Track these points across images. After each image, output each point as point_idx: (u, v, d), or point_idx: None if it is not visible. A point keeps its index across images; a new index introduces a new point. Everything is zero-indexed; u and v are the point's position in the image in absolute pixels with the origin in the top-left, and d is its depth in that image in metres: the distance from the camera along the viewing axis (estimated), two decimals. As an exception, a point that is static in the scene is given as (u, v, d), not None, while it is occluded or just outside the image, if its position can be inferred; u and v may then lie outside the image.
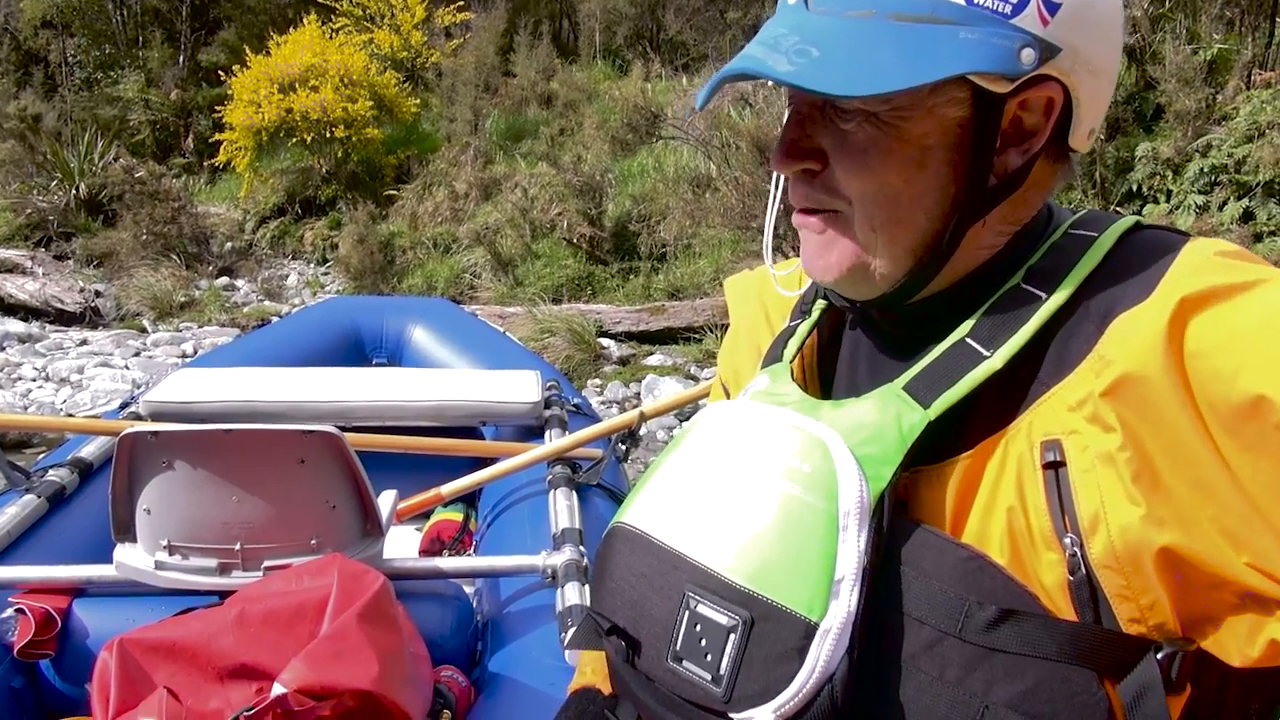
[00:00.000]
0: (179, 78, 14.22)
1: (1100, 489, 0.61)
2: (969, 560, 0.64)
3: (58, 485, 2.18)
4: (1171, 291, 0.62)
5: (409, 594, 1.80)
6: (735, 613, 0.66)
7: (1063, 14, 0.66)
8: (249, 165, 11.00)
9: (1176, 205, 5.99)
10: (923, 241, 0.70)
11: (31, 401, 5.82)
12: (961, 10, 0.65)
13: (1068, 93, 0.68)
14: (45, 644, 1.73)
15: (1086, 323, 0.66)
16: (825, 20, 0.67)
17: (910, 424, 0.67)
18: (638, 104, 9.19)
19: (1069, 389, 0.64)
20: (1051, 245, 0.72)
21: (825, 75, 0.64)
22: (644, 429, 2.59)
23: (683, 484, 0.75)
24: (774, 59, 0.66)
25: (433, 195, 10.18)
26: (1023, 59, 0.65)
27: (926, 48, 0.64)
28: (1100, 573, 0.61)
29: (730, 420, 0.76)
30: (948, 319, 0.71)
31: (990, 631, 0.62)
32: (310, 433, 1.70)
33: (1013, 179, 0.70)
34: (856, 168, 0.69)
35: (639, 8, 14.16)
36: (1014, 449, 0.65)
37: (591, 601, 0.80)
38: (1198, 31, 6.55)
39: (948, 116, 0.67)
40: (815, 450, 0.68)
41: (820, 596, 0.63)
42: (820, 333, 0.85)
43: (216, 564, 1.74)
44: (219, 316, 8.09)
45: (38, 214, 10.52)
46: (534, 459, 2.42)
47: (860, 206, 0.70)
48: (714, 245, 7.67)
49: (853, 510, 0.64)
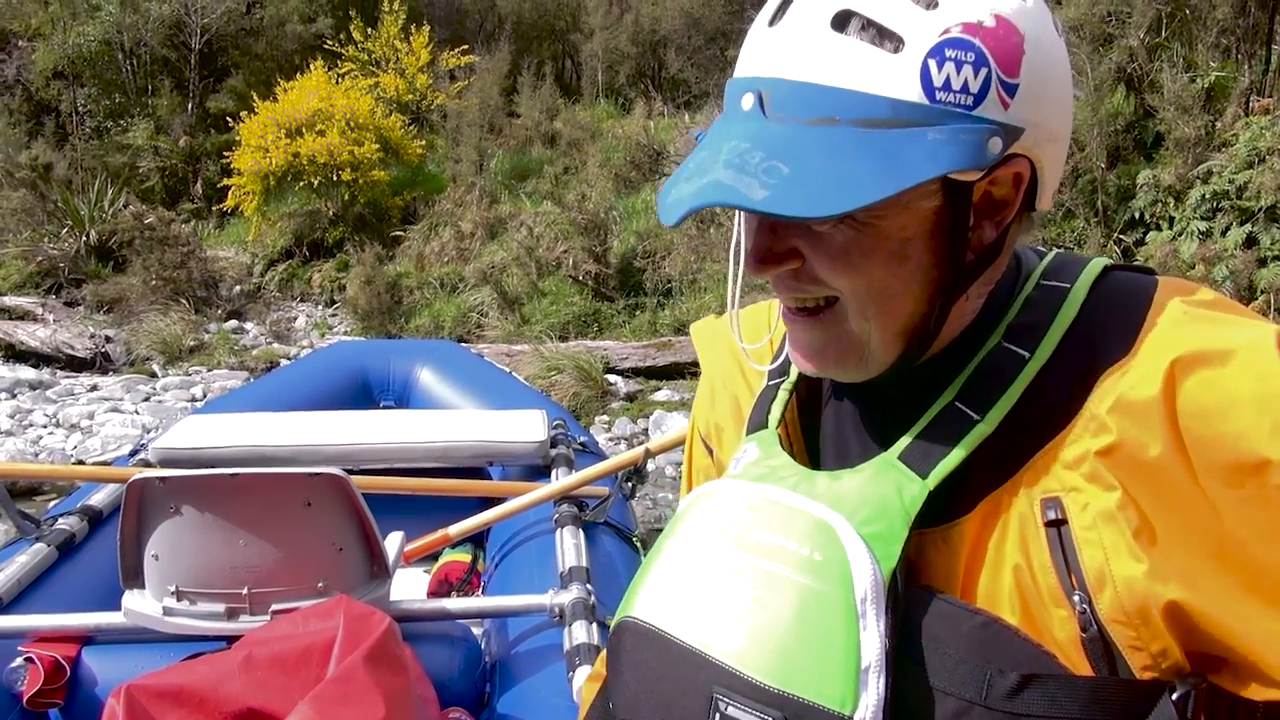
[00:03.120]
0: (188, 125, 14.41)
1: (1104, 546, 0.63)
2: (984, 627, 0.65)
3: (67, 533, 2.19)
4: (1160, 351, 0.63)
5: (416, 636, 1.80)
6: (768, 713, 0.66)
7: (1021, 93, 0.65)
8: (257, 209, 11.12)
9: (1179, 231, 6.01)
10: (912, 324, 0.71)
11: (42, 448, 5.84)
12: (924, 110, 0.63)
13: (1033, 165, 0.68)
14: (55, 693, 1.74)
15: (1071, 379, 0.67)
16: (787, 130, 0.65)
17: (911, 496, 0.68)
18: (640, 142, 9.30)
19: (1064, 447, 0.65)
20: (1026, 299, 0.73)
21: (801, 196, 0.63)
22: (650, 465, 2.59)
23: (689, 573, 0.74)
24: (744, 183, 0.63)
25: (439, 235, 10.27)
26: (990, 149, 0.64)
27: (897, 153, 0.63)
28: (1111, 627, 0.63)
29: (731, 504, 0.75)
30: (933, 383, 0.72)
31: (1014, 698, 0.62)
32: (316, 475, 1.71)
33: (990, 250, 0.71)
34: (840, 267, 0.68)
35: (640, 47, 14.33)
36: (1015, 507, 0.66)
37: (613, 703, 0.79)
38: (1195, 59, 6.60)
39: (923, 209, 0.67)
40: (823, 537, 0.68)
41: (850, 688, 0.63)
42: (799, 393, 0.84)
43: (224, 609, 1.74)
44: (228, 360, 8.12)
45: (48, 261, 10.63)
46: (541, 498, 2.42)
47: (852, 300, 0.70)
48: (719, 280, 7.70)
49: (869, 596, 0.64)
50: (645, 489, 4.17)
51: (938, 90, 0.63)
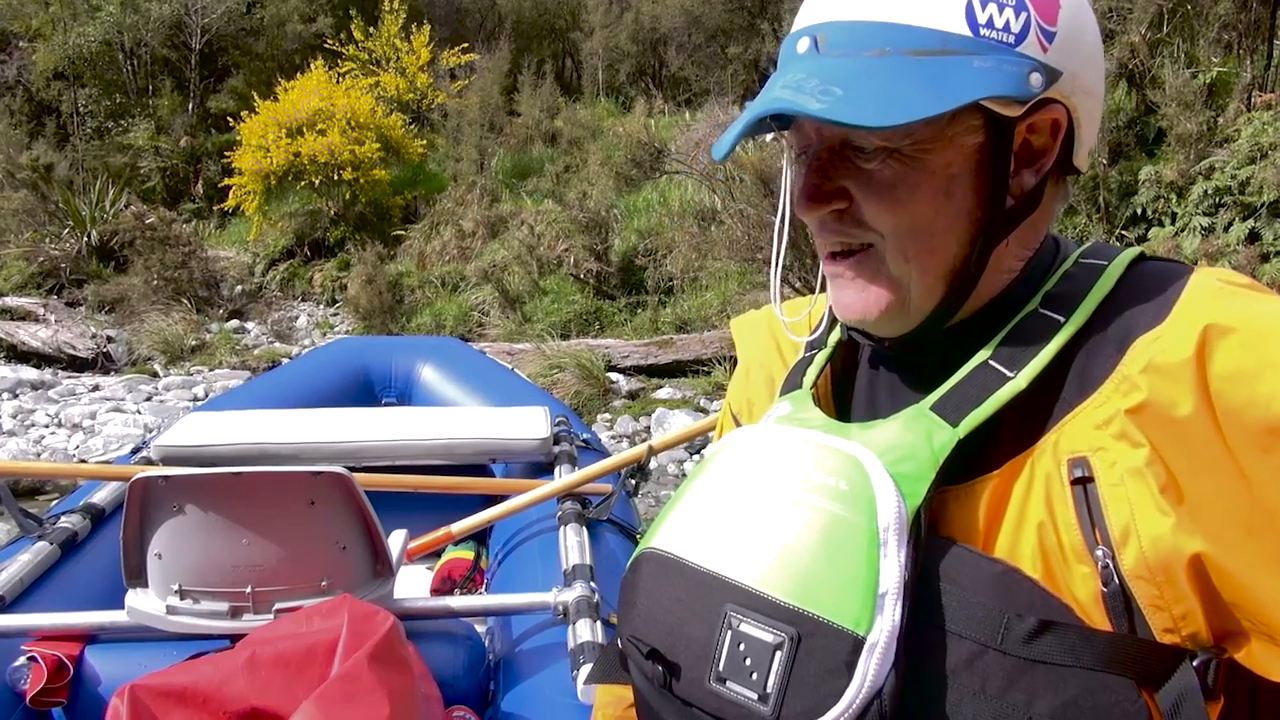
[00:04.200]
0: (188, 125, 14.42)
1: (1130, 502, 0.63)
2: (1005, 574, 0.65)
3: (70, 531, 2.19)
4: (1194, 317, 0.64)
5: (420, 634, 1.80)
6: (781, 629, 0.66)
7: (1059, 41, 0.70)
8: (258, 209, 11.13)
9: (1182, 228, 6.00)
10: (953, 267, 0.73)
11: (45, 448, 5.85)
12: (971, 41, 0.68)
13: (1070, 114, 0.72)
14: (58, 691, 1.73)
15: (1105, 345, 0.68)
16: (841, 62, 0.70)
17: (941, 442, 0.69)
18: (641, 140, 9.29)
19: (1094, 408, 0.66)
20: (1064, 273, 0.75)
21: (857, 110, 0.66)
22: (653, 463, 2.59)
23: (713, 507, 0.75)
24: (801, 99, 0.68)
25: (440, 234, 10.27)
26: (1032, 83, 0.69)
27: (945, 78, 0.67)
28: (1133, 584, 0.63)
29: (758, 443, 0.77)
30: (966, 347, 0.73)
31: (1030, 643, 0.62)
32: (319, 474, 1.71)
33: (1029, 199, 0.73)
34: (886, 204, 0.71)
35: (641, 45, 14.33)
36: (1041, 467, 0.67)
37: (620, 629, 0.79)
38: (1196, 55, 6.59)
39: (967, 144, 0.70)
40: (851, 468, 0.69)
41: (866, 611, 0.64)
42: (834, 365, 0.86)
43: (227, 607, 1.73)
44: (230, 359, 8.13)
45: (50, 262, 10.65)
46: (544, 495, 2.42)
47: (892, 239, 0.72)
48: (720, 278, 7.70)
49: (892, 526, 0.65)
50: (648, 486, 4.18)
51: (981, 26, 0.68)
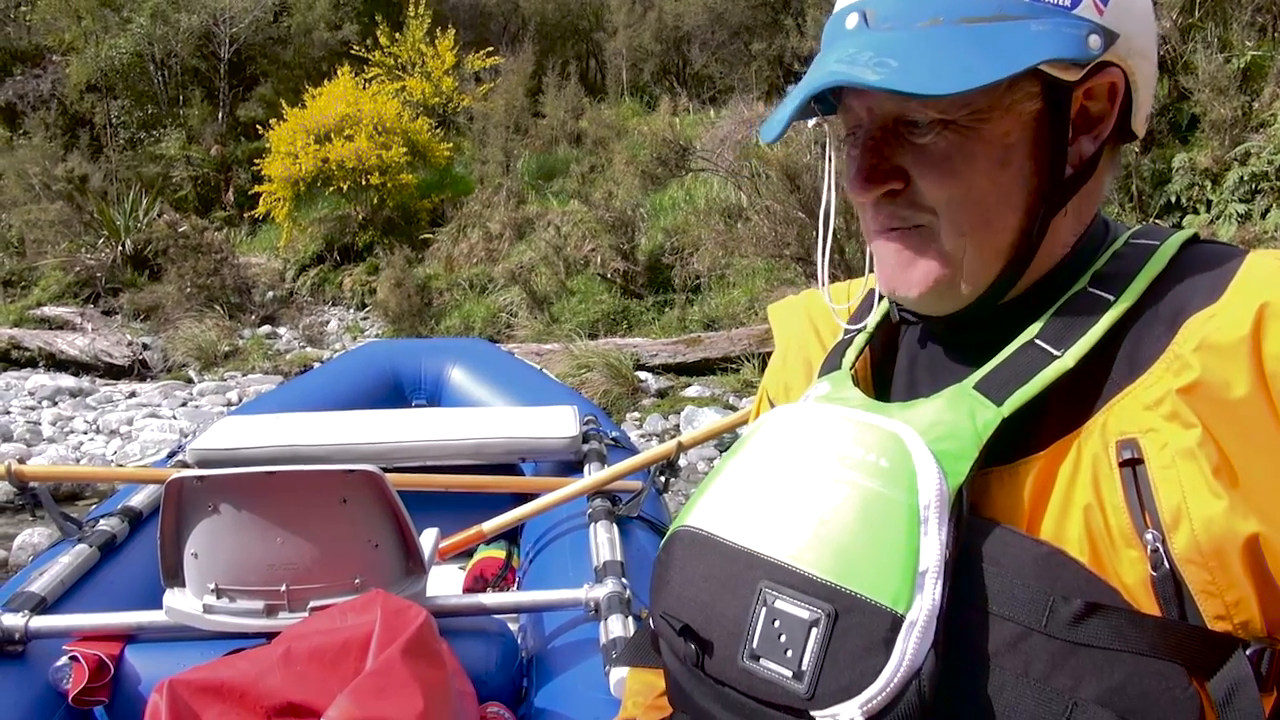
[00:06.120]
0: (218, 134, 14.59)
1: (1182, 484, 0.61)
2: (1050, 555, 0.63)
3: (109, 534, 2.22)
4: (1250, 296, 0.62)
5: (453, 631, 1.80)
6: (818, 606, 0.65)
7: (1114, 2, 0.69)
8: (288, 215, 11.24)
9: (1218, 215, 5.90)
10: (1011, 240, 0.71)
11: (83, 453, 5.93)
12: (1027, 5, 0.67)
13: (1127, 78, 0.70)
14: (99, 690, 1.76)
15: (1157, 324, 0.66)
16: (893, 35, 0.68)
17: (985, 421, 0.67)
18: (666, 138, 9.28)
19: (1145, 388, 0.64)
20: (1114, 253, 0.73)
21: (913, 79, 0.65)
22: (683, 460, 2.58)
23: (748, 484, 0.74)
24: (856, 72, 0.66)
25: (467, 237, 10.32)
26: (1091, 45, 0.67)
27: (1002, 43, 0.66)
28: (1184, 568, 0.61)
29: (796, 421, 0.75)
30: (1011, 327, 0.71)
31: (1076, 626, 0.60)
32: (351, 472, 1.72)
33: (1087, 167, 0.71)
34: (942, 176, 0.69)
35: (664, 44, 14.32)
36: (1088, 448, 0.65)
37: (652, 607, 0.78)
38: (1229, 39, 6.48)
39: (1024, 111, 0.69)
40: (891, 445, 0.67)
41: (905, 589, 0.62)
42: (874, 348, 0.84)
43: (263, 605, 1.75)
44: (262, 364, 8.22)
45: (86, 271, 10.82)
46: (574, 493, 2.42)
47: (947, 214, 0.70)
48: (748, 275, 7.67)
49: (933, 503, 0.64)
50: (678, 483, 4.18)
51: None
